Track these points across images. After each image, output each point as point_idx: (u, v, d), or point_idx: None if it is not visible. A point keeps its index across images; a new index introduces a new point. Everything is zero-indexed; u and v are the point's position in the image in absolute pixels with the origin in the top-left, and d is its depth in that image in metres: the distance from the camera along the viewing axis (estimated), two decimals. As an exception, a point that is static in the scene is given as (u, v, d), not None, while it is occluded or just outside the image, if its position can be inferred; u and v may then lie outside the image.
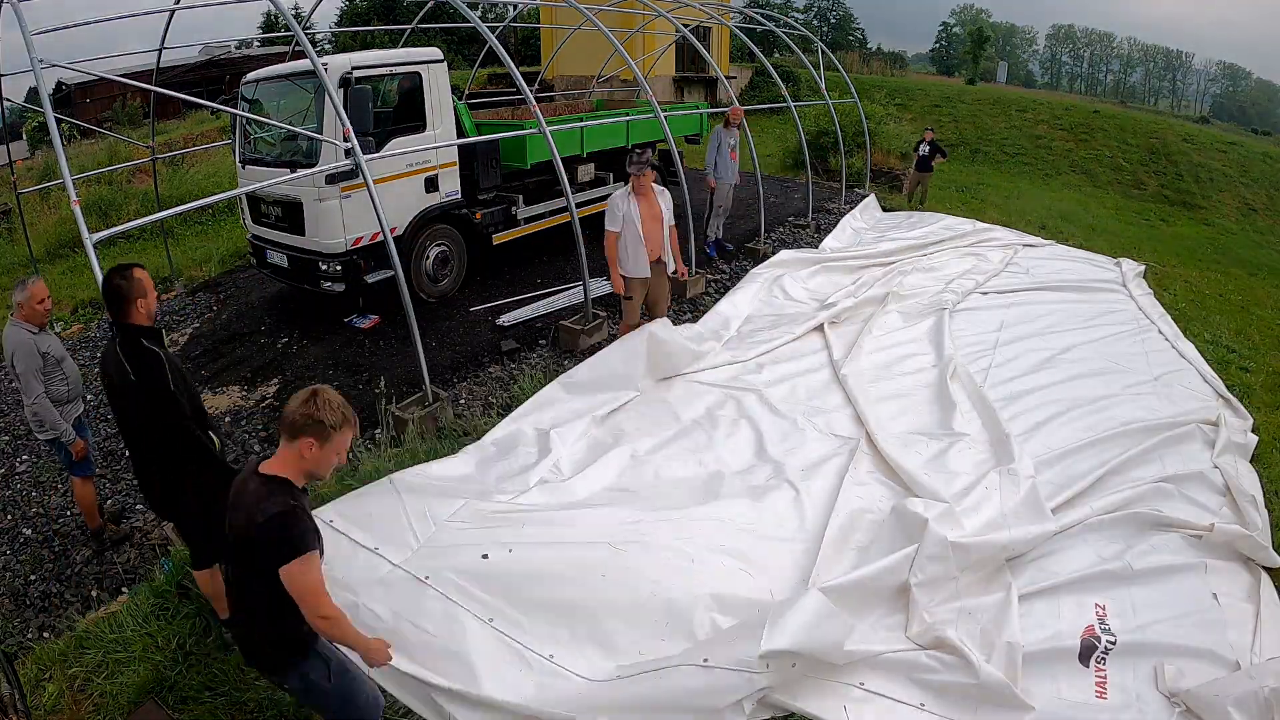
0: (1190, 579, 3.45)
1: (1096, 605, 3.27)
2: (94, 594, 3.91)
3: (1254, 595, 3.39)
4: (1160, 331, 6.50)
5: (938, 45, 68.55)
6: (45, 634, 3.62)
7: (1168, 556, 3.57)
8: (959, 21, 67.56)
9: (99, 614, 3.41)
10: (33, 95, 8.33)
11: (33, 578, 4.11)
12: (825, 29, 59.32)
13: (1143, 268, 8.43)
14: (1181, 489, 4.07)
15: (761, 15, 12.52)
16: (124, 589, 3.85)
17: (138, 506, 4.56)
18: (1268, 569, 3.56)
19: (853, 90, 12.33)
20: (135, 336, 2.81)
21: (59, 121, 4.03)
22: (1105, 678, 2.93)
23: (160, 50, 7.18)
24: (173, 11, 6.41)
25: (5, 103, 7.04)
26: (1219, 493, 4.11)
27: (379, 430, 4.56)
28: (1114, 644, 3.04)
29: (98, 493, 4.38)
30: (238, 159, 6.84)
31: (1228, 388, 5.46)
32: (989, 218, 10.82)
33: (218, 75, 18.66)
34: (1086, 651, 3.03)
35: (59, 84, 21.10)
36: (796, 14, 53.43)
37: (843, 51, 34.16)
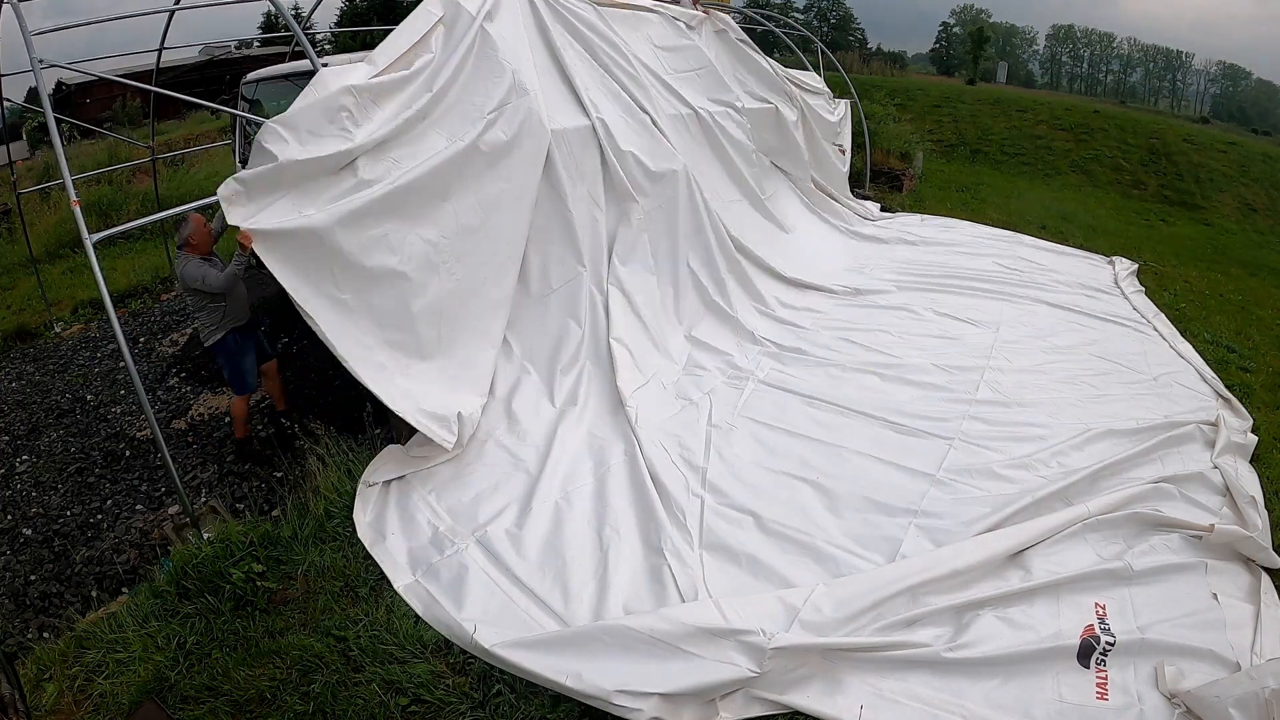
0: (1190, 579, 3.46)
1: (1097, 605, 3.28)
2: (94, 594, 3.91)
3: (1254, 595, 3.40)
4: (1157, 330, 6.51)
5: (938, 45, 68.43)
6: (45, 634, 3.62)
7: (1168, 556, 3.58)
8: (959, 21, 67.45)
9: (99, 614, 3.41)
10: (33, 95, 8.32)
11: (33, 578, 4.11)
12: (825, 29, 59.21)
13: (1135, 266, 8.44)
14: (1181, 489, 4.07)
15: (761, 15, 12.52)
16: (124, 589, 3.86)
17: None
18: (1268, 569, 3.56)
19: (853, 90, 12.32)
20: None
21: (59, 121, 4.03)
22: (1106, 678, 2.94)
23: (160, 50, 7.18)
24: (173, 11, 6.40)
25: (5, 103, 7.04)
26: (1219, 493, 4.11)
27: (379, 429, 4.57)
28: (1113, 644, 3.05)
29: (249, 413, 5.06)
30: (238, 159, 6.84)
31: (1228, 387, 5.46)
32: (989, 218, 10.81)
33: (218, 75, 18.63)
34: (1086, 651, 3.03)
35: (59, 84, 21.07)
36: (796, 14, 53.40)
37: (843, 51, 34.07)
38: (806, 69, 11.38)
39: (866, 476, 4.21)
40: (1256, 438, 4.79)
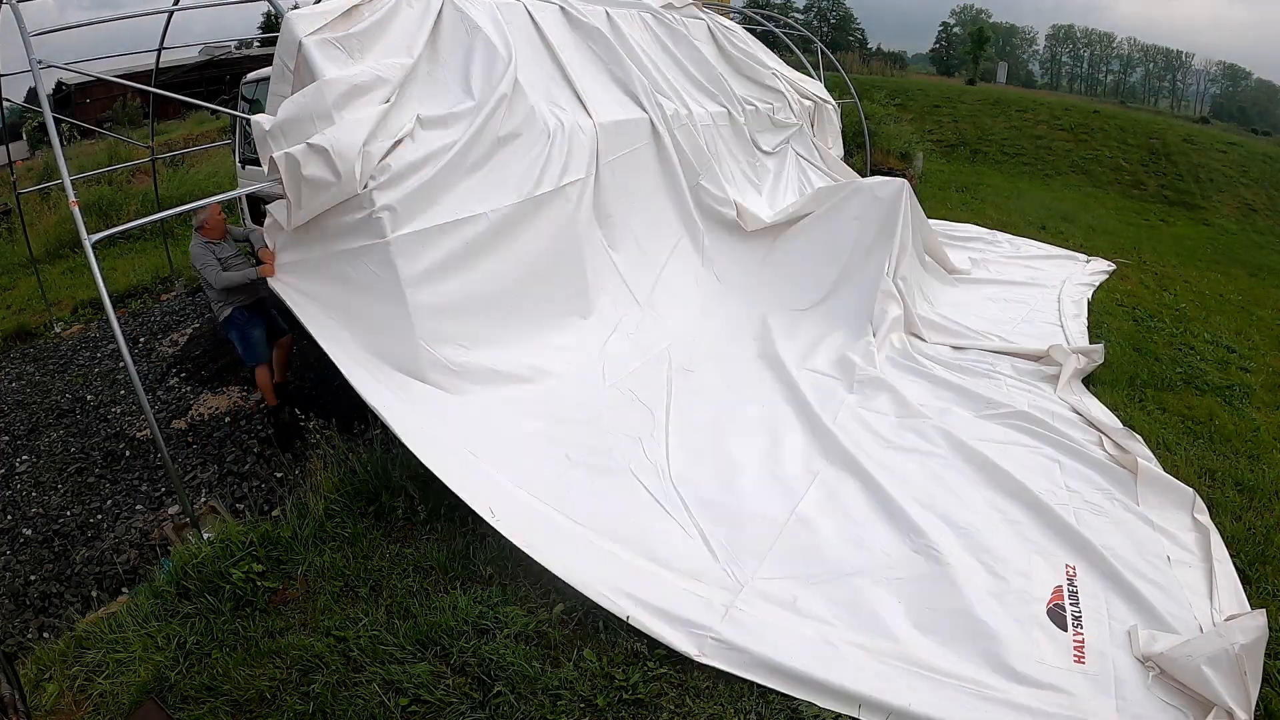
0: (1144, 541, 3.63)
1: (1067, 566, 3.43)
2: (94, 594, 3.91)
3: (1206, 556, 3.56)
4: (1060, 309, 6.85)
5: (938, 45, 68.49)
6: (45, 634, 3.62)
7: (1122, 515, 3.82)
8: (959, 22, 67.50)
9: (99, 614, 3.41)
10: (32, 95, 8.33)
11: (33, 578, 4.11)
12: (825, 29, 59.26)
13: (1112, 266, 8.55)
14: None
15: (761, 15, 12.51)
16: (124, 589, 3.86)
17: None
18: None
19: (853, 90, 12.33)
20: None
21: (58, 122, 4.03)
22: (1083, 641, 3.03)
23: (160, 50, 7.18)
24: (172, 12, 6.40)
25: (5, 103, 7.04)
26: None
27: (376, 429, 4.57)
28: (1083, 609, 3.18)
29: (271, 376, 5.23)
30: (238, 160, 6.84)
31: (1228, 387, 5.49)
32: (989, 218, 10.82)
33: (218, 75, 18.63)
34: (1057, 613, 3.17)
35: (58, 84, 21.07)
36: (796, 14, 53.45)
37: (843, 52, 34.09)
38: (806, 68, 11.38)
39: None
40: (1099, 359, 5.45)
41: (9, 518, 4.62)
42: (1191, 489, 3.90)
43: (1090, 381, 5.38)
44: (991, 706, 2.73)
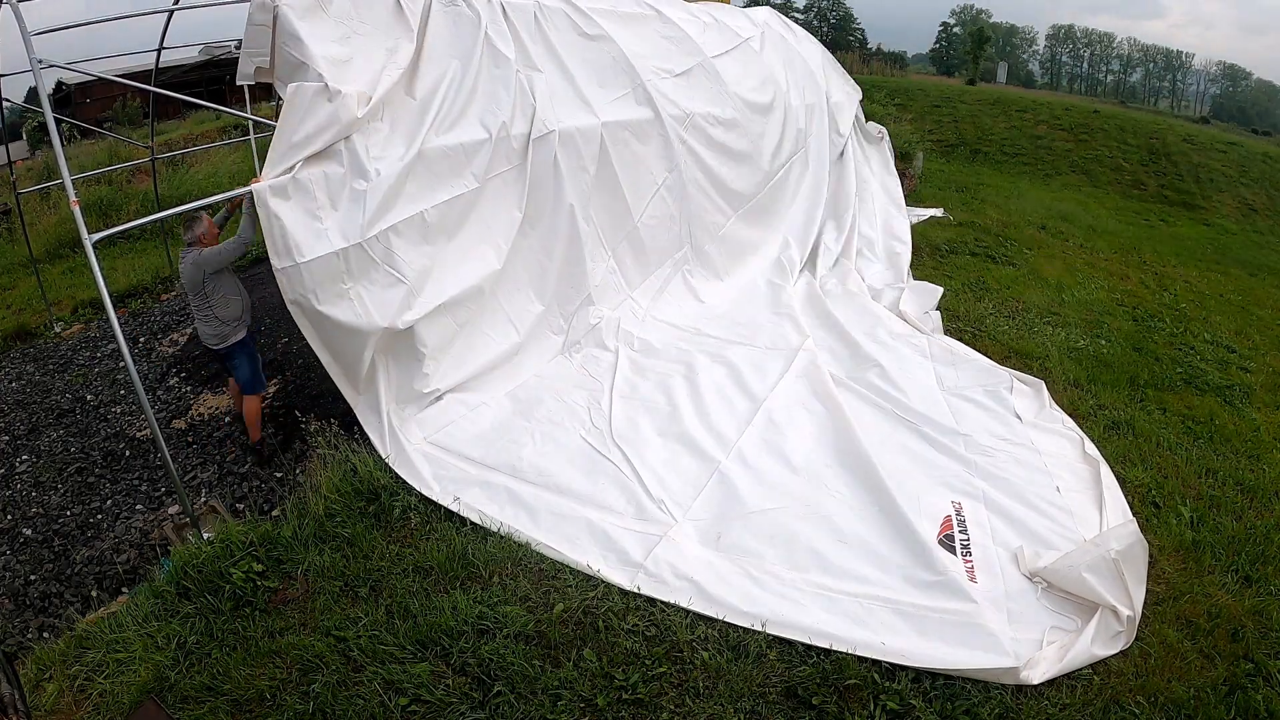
0: (1035, 475, 3.92)
1: (953, 502, 3.72)
2: (94, 594, 3.91)
3: (1095, 484, 3.87)
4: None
5: (938, 45, 68.55)
6: (45, 634, 3.62)
7: (1011, 450, 4.14)
8: (959, 22, 67.51)
9: (99, 614, 3.41)
10: (32, 95, 8.32)
11: (33, 578, 4.11)
12: (825, 29, 59.27)
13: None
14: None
15: (761, 15, 12.50)
16: (124, 589, 3.86)
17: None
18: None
19: (853, 90, 12.29)
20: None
21: (59, 122, 4.03)
22: (972, 565, 3.34)
23: (160, 50, 7.17)
24: (172, 12, 6.40)
25: (5, 103, 7.04)
26: None
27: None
28: (970, 539, 3.47)
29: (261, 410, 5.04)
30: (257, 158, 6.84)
31: (1228, 387, 5.49)
32: (988, 218, 10.80)
33: (218, 75, 18.61)
34: (947, 542, 3.46)
35: (58, 84, 21.08)
36: (796, 14, 53.48)
37: (843, 52, 34.08)
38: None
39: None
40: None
41: (9, 518, 4.62)
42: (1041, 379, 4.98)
43: (1092, 383, 5.39)
44: (897, 616, 3.08)
